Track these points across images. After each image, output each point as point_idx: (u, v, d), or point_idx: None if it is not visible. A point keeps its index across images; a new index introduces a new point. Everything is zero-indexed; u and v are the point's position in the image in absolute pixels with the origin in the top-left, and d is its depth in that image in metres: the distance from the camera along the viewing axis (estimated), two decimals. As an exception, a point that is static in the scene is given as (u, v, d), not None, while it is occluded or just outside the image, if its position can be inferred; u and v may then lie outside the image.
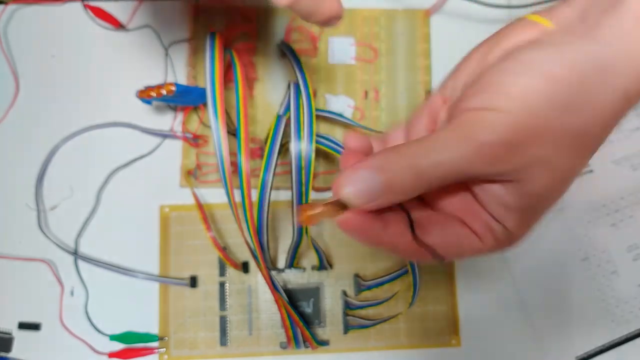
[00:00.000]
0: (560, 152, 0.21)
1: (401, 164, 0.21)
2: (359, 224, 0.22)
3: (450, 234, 0.23)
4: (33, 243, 0.37)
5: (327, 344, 0.37)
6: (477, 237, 0.23)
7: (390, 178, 0.21)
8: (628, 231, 0.38)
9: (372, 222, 0.22)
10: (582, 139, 0.21)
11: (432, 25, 0.40)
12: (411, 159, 0.21)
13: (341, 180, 0.21)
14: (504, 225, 0.23)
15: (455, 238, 0.23)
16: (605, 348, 0.37)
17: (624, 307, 0.38)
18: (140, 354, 0.36)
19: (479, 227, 0.23)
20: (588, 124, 0.21)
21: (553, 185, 0.22)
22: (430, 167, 0.21)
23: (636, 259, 0.38)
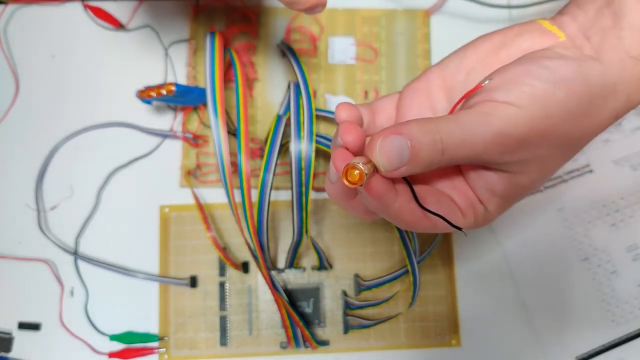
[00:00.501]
0: (555, 154, 0.24)
1: (431, 137, 0.22)
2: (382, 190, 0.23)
3: (443, 207, 0.25)
4: (33, 243, 0.37)
5: (327, 344, 0.37)
6: (460, 213, 0.25)
7: (418, 149, 0.22)
8: (628, 231, 0.38)
9: (389, 189, 0.23)
10: (574, 145, 0.24)
11: (432, 25, 0.40)
12: (440, 134, 0.22)
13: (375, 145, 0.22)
14: (485, 207, 0.25)
15: (447, 210, 0.25)
16: (605, 348, 0.37)
17: (624, 307, 0.38)
18: (140, 354, 0.36)
19: (464, 205, 0.25)
20: (583, 134, 0.24)
21: (538, 180, 0.25)
22: (455, 144, 0.22)
23: (636, 259, 0.38)
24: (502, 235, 0.39)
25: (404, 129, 0.22)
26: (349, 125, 0.24)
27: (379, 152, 0.22)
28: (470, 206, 0.25)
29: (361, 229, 0.38)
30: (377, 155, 0.22)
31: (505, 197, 0.25)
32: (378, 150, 0.22)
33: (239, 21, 0.39)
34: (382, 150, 0.22)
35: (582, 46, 0.24)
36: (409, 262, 0.34)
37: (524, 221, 0.39)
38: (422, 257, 0.36)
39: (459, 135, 0.22)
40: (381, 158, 0.22)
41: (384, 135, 0.22)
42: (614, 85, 0.23)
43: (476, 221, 0.26)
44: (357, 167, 0.21)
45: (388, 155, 0.22)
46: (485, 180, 0.25)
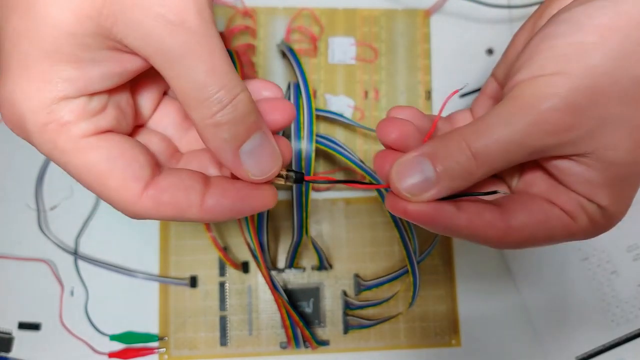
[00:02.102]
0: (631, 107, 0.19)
1: (453, 147, 0.20)
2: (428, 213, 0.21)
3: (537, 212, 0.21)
4: (33, 243, 0.37)
5: (327, 344, 0.37)
6: (568, 216, 0.21)
7: (445, 164, 0.20)
8: (628, 231, 0.38)
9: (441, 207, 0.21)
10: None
11: (432, 25, 0.40)
12: (463, 141, 0.20)
13: (393, 175, 0.21)
14: (597, 204, 0.21)
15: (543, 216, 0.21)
16: (605, 348, 0.37)
17: (624, 307, 0.38)
18: (140, 354, 0.36)
19: (570, 205, 0.21)
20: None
21: (636, 146, 0.20)
22: (486, 147, 0.20)
23: (636, 259, 0.38)
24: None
25: (422, 148, 0.21)
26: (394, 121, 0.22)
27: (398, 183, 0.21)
28: (578, 206, 0.21)
29: (361, 229, 0.38)
30: (397, 187, 0.21)
31: (611, 183, 0.21)
32: (397, 181, 0.21)
33: (239, 21, 0.39)
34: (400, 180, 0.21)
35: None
36: (409, 262, 0.34)
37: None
38: (422, 257, 0.36)
39: (488, 134, 0.20)
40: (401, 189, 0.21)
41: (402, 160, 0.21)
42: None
43: (594, 224, 0.22)
44: None
45: (409, 185, 0.20)
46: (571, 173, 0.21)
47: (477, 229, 0.21)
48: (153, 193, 0.20)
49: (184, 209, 0.20)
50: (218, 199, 0.20)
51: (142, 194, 0.20)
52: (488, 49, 0.41)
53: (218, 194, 0.21)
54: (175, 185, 0.20)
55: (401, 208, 0.21)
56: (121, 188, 0.19)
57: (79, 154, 0.19)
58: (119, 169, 0.19)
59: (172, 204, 0.20)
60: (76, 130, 0.19)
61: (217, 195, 0.20)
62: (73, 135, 0.19)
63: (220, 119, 0.19)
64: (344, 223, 0.38)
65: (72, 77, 0.19)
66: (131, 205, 0.20)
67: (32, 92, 0.18)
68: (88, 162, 0.19)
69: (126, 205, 0.20)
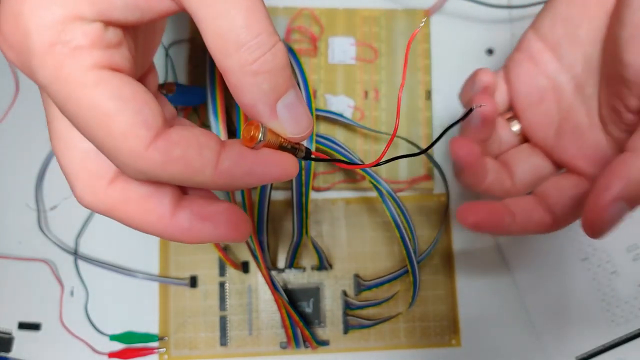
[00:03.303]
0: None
1: None
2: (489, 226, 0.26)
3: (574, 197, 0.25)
4: (33, 243, 0.37)
5: (327, 344, 0.37)
6: None
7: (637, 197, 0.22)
8: (628, 231, 0.38)
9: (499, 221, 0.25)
10: None
11: (432, 25, 0.40)
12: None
13: None
14: None
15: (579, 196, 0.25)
16: (605, 348, 0.37)
17: (624, 307, 0.38)
18: (140, 354, 0.36)
19: None
20: None
21: None
22: None
23: (636, 259, 0.38)
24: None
25: (614, 192, 0.22)
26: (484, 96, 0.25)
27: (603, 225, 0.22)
28: None
29: (361, 229, 0.38)
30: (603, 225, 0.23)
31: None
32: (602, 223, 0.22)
33: (239, 21, 0.39)
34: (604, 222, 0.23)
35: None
36: (409, 262, 0.34)
37: (524, 221, 0.39)
38: (422, 257, 0.36)
39: None
40: (608, 226, 0.22)
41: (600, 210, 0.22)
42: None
43: None
44: (257, 128, 0.19)
45: (612, 222, 0.23)
46: None
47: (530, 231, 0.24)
48: (163, 145, 0.17)
49: (196, 168, 0.17)
50: (236, 160, 0.18)
51: (150, 145, 0.17)
52: (488, 49, 0.41)
53: (235, 156, 0.18)
54: (188, 139, 0.18)
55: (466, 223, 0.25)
56: (128, 134, 0.16)
57: (86, 86, 0.16)
58: (129, 110, 0.17)
59: (183, 161, 0.17)
60: (87, 58, 0.16)
61: (234, 157, 0.18)
62: (83, 63, 0.16)
63: (261, 67, 0.17)
64: (344, 223, 0.38)
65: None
66: (135, 157, 0.17)
67: (44, 5, 0.16)
68: (94, 97, 0.16)
69: (129, 157, 0.17)
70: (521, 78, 0.27)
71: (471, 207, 0.26)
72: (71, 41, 0.16)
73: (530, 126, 0.28)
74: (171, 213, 0.19)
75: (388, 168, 0.39)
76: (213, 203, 0.20)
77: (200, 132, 0.18)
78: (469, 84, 0.28)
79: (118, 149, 0.17)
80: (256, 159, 0.18)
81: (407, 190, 0.39)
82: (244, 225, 0.20)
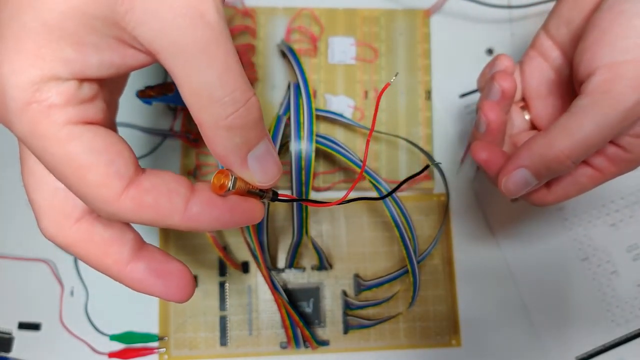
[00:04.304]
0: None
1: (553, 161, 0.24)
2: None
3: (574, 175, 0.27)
4: (33, 243, 0.37)
5: (327, 344, 0.37)
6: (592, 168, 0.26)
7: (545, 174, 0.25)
8: (628, 231, 0.38)
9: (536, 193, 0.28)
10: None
11: (432, 25, 0.40)
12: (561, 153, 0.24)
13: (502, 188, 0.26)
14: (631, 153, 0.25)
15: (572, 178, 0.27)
16: (605, 348, 0.37)
17: (624, 307, 0.38)
18: (140, 354, 0.36)
19: (598, 162, 0.26)
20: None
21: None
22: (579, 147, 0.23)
23: (636, 259, 0.38)
24: (502, 236, 0.39)
25: (520, 161, 0.25)
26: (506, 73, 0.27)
27: (507, 186, 0.26)
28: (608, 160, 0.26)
29: (361, 229, 0.38)
30: (507, 187, 0.26)
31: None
32: (506, 185, 0.26)
33: (238, 21, 0.39)
34: (508, 185, 0.26)
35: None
36: (409, 262, 0.34)
37: (523, 221, 0.39)
38: (422, 257, 0.36)
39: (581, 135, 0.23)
40: (513, 189, 0.26)
41: (506, 173, 0.26)
42: None
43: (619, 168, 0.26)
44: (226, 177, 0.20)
45: (518, 186, 0.26)
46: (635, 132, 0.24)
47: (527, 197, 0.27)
48: (134, 193, 0.18)
49: (165, 214, 0.19)
50: (203, 207, 0.19)
51: (122, 194, 0.18)
52: (488, 49, 0.41)
53: (203, 202, 0.19)
54: (159, 187, 0.19)
55: None
56: (101, 185, 0.17)
57: (60, 142, 0.17)
58: (102, 163, 0.18)
59: (154, 208, 0.18)
60: (61, 115, 0.17)
61: (202, 204, 0.19)
62: (57, 120, 0.17)
63: (234, 122, 0.18)
64: (344, 223, 0.38)
65: (69, 58, 0.17)
66: (109, 204, 0.18)
67: (21, 65, 0.17)
68: (69, 152, 0.17)
69: (103, 204, 0.18)
70: (532, 72, 0.30)
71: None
72: (46, 100, 0.17)
73: (538, 116, 0.30)
74: (127, 261, 0.20)
75: (388, 168, 0.39)
76: (168, 261, 0.21)
77: (170, 178, 0.19)
78: (488, 68, 0.30)
79: (92, 197, 0.18)
80: (223, 207, 0.20)
81: (407, 190, 0.39)
82: (189, 289, 0.21)
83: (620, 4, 0.23)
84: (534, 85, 0.30)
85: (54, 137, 0.17)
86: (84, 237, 0.20)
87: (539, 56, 0.29)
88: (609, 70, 0.22)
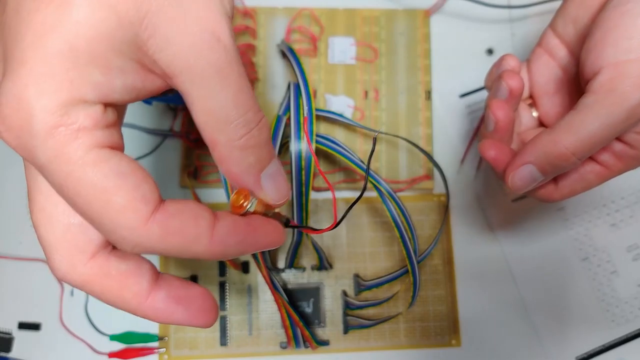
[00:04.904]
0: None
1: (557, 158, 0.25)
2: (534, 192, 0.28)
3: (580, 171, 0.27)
4: (33, 243, 0.37)
5: (327, 344, 0.37)
6: (599, 164, 0.27)
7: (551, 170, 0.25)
8: (628, 231, 0.38)
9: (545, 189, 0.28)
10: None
11: (432, 25, 0.40)
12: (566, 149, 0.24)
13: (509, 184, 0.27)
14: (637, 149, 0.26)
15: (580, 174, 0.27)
16: (605, 348, 0.37)
17: (624, 307, 0.38)
18: (140, 354, 0.36)
19: (605, 158, 0.26)
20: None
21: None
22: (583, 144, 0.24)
23: (636, 259, 0.38)
24: (502, 235, 0.39)
25: (526, 158, 0.26)
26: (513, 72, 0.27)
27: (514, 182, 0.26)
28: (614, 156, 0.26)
29: (361, 229, 0.38)
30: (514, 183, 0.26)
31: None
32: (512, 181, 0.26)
33: (239, 21, 0.39)
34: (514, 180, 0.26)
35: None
36: (409, 262, 0.34)
37: (524, 221, 0.39)
38: (422, 257, 0.36)
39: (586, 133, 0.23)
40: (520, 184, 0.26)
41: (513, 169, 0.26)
42: None
43: (626, 164, 0.26)
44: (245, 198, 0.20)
45: (524, 182, 0.26)
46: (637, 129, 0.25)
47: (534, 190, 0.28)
48: (161, 218, 0.18)
49: (192, 239, 0.18)
50: (229, 230, 0.19)
51: (149, 219, 0.17)
52: (488, 49, 0.41)
53: (228, 226, 0.19)
54: (184, 211, 0.18)
55: None
56: (128, 209, 0.17)
57: (86, 165, 0.17)
58: (128, 187, 0.17)
59: (181, 233, 0.18)
60: (89, 138, 0.17)
61: (227, 226, 0.19)
62: (85, 143, 0.17)
63: (248, 142, 0.19)
64: (344, 223, 0.38)
65: (97, 81, 0.17)
66: (135, 231, 0.17)
67: (49, 89, 0.16)
68: (94, 176, 0.17)
69: (128, 232, 0.17)
70: (540, 70, 0.30)
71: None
72: (74, 123, 0.17)
73: (546, 113, 0.31)
74: (147, 292, 0.19)
75: (388, 168, 0.39)
76: (188, 286, 0.20)
77: (193, 204, 0.19)
78: (495, 68, 0.30)
79: (117, 224, 0.17)
80: (248, 229, 0.20)
81: (407, 190, 0.39)
82: (213, 313, 0.21)
83: (625, 4, 0.23)
84: (541, 83, 0.30)
85: (80, 161, 0.17)
86: (100, 272, 0.19)
87: (546, 54, 0.30)
88: (613, 69, 0.23)
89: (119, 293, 0.19)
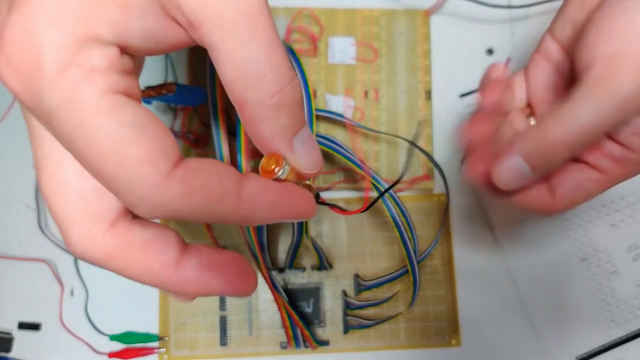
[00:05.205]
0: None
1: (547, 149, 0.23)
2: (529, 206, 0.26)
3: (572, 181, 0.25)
4: (33, 243, 0.37)
5: (327, 344, 0.37)
6: (598, 171, 0.25)
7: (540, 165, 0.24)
8: (628, 231, 0.38)
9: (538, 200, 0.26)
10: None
11: (432, 25, 0.40)
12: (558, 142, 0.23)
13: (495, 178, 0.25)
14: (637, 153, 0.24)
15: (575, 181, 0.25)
16: (605, 348, 0.37)
17: (624, 307, 0.38)
18: (140, 354, 0.36)
19: (604, 164, 0.25)
20: None
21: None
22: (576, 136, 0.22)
23: (636, 259, 0.38)
24: (502, 236, 0.39)
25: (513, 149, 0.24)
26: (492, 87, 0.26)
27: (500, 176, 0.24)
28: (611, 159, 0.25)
29: (361, 229, 0.38)
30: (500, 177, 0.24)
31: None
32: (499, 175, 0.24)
33: (239, 21, 0.39)
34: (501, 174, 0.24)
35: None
36: (409, 262, 0.34)
37: (524, 221, 0.39)
38: (422, 257, 0.36)
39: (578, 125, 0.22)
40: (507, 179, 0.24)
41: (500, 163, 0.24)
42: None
43: (626, 168, 0.25)
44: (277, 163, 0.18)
45: (511, 176, 0.24)
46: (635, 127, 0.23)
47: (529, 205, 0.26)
48: (183, 174, 0.15)
49: (218, 197, 0.16)
50: (259, 191, 0.17)
51: (169, 174, 0.15)
52: (488, 49, 0.41)
53: (259, 186, 0.17)
54: (207, 168, 0.16)
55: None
56: (146, 163, 0.15)
57: (100, 112, 0.15)
58: (148, 138, 0.15)
59: (205, 190, 0.16)
60: (104, 81, 0.15)
61: (257, 187, 0.17)
62: (98, 87, 0.15)
63: (281, 101, 0.17)
64: (344, 223, 0.38)
65: (114, 20, 0.15)
66: (154, 188, 0.15)
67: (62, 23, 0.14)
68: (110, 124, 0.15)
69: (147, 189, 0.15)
70: (538, 76, 0.29)
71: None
72: (87, 63, 0.15)
73: None
74: (177, 261, 0.17)
75: (388, 168, 0.39)
76: (220, 252, 0.18)
77: (217, 162, 0.17)
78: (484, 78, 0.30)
79: (134, 181, 0.15)
80: (281, 190, 0.17)
81: (407, 190, 0.39)
82: (252, 278, 0.19)
83: (622, 1, 0.23)
84: (539, 90, 0.29)
85: (92, 107, 0.15)
86: (122, 242, 0.17)
87: (543, 60, 0.29)
88: (607, 61, 0.22)
89: (146, 265, 0.17)
